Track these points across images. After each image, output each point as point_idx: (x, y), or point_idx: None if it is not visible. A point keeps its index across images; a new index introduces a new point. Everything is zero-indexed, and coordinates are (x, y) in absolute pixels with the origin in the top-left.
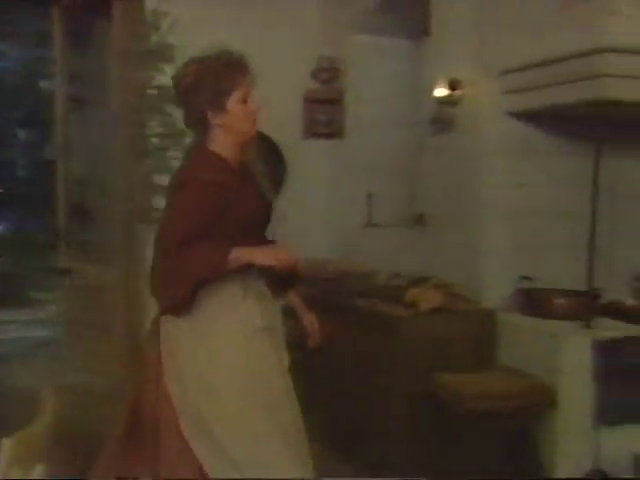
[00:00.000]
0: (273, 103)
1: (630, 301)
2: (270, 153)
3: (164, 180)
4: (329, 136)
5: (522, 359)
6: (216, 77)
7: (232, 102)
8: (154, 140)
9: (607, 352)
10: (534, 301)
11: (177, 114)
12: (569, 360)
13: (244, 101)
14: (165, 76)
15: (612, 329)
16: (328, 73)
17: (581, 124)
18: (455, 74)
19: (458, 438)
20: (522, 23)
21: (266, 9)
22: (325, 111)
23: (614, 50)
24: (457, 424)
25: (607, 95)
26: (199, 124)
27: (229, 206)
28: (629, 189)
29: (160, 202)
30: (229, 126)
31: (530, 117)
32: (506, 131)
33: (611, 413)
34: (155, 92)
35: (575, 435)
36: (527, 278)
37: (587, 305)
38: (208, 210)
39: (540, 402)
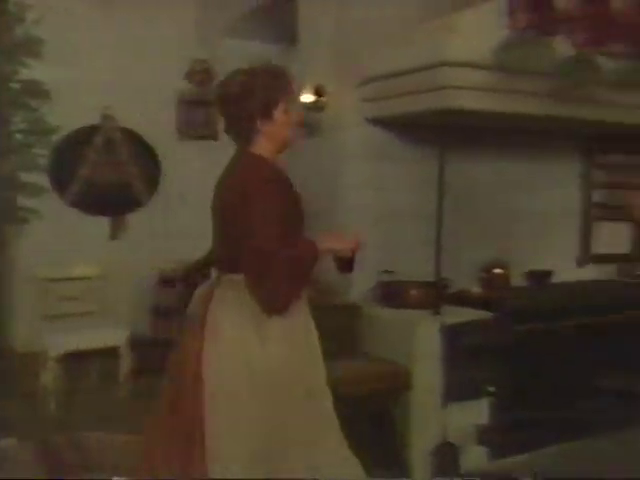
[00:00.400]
0: (148, 103)
1: (476, 289)
2: (144, 154)
3: (30, 178)
4: (203, 137)
5: (383, 347)
6: (266, 88)
7: (279, 112)
8: (18, 136)
9: (453, 336)
10: (392, 293)
11: (44, 109)
12: (421, 345)
13: (287, 111)
14: (30, 70)
15: (458, 315)
16: (202, 75)
17: (430, 131)
18: (321, 81)
19: None
20: (380, 36)
21: (141, 8)
22: (199, 113)
23: (455, 64)
24: None
25: (449, 105)
26: (244, 131)
27: (293, 204)
28: (472, 190)
29: (26, 201)
30: (274, 134)
31: (387, 124)
32: (366, 137)
33: (457, 390)
34: (18, 86)
35: (427, 412)
36: (388, 272)
37: (436, 294)
38: (286, 209)
39: (398, 385)
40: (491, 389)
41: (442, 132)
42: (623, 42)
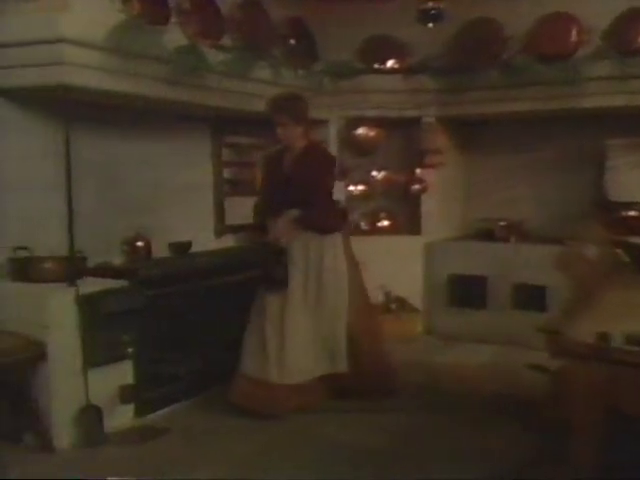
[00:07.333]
0: None
1: (118, 261)
2: None
3: None
4: None
5: (16, 322)
6: None
7: None
8: None
9: (90, 304)
10: (25, 268)
11: None
12: (55, 316)
13: None
14: None
15: (95, 285)
16: None
17: (57, 104)
18: None
19: None
20: None
21: None
22: None
23: (70, 41)
24: None
25: (65, 81)
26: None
27: None
28: (116, 166)
29: None
30: None
31: (11, 94)
32: None
33: (98, 355)
34: None
35: (67, 379)
36: (22, 248)
37: (71, 267)
38: None
39: (30, 356)
40: (130, 350)
41: (70, 106)
42: (229, 36)
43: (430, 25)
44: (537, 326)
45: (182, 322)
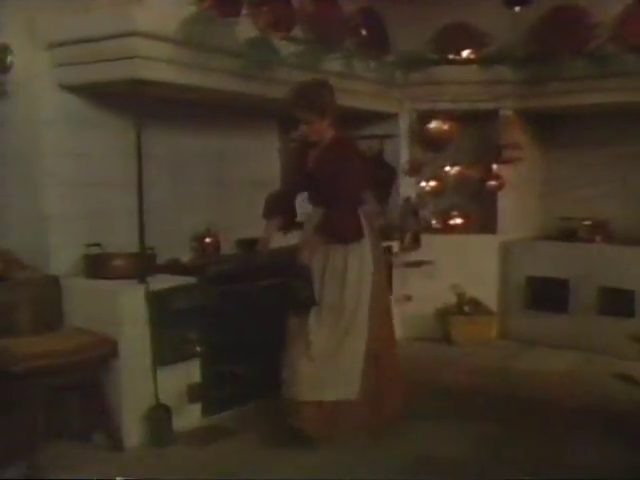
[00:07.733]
0: None
1: (186, 258)
2: None
3: None
4: None
5: (88, 318)
6: None
7: None
8: None
9: (159, 301)
10: (97, 265)
11: None
12: (126, 313)
13: None
14: None
15: (165, 282)
16: None
17: (127, 100)
18: (5, 40)
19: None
20: None
21: None
22: None
23: (143, 35)
24: (16, 387)
25: (136, 75)
26: None
27: None
28: (182, 161)
29: None
30: None
31: (85, 91)
32: (61, 102)
33: (167, 353)
34: None
35: (137, 378)
36: (95, 245)
37: (142, 264)
38: None
39: (104, 353)
40: (199, 349)
41: (139, 101)
42: (301, 28)
43: (517, 9)
44: (629, 333)
45: (251, 320)
